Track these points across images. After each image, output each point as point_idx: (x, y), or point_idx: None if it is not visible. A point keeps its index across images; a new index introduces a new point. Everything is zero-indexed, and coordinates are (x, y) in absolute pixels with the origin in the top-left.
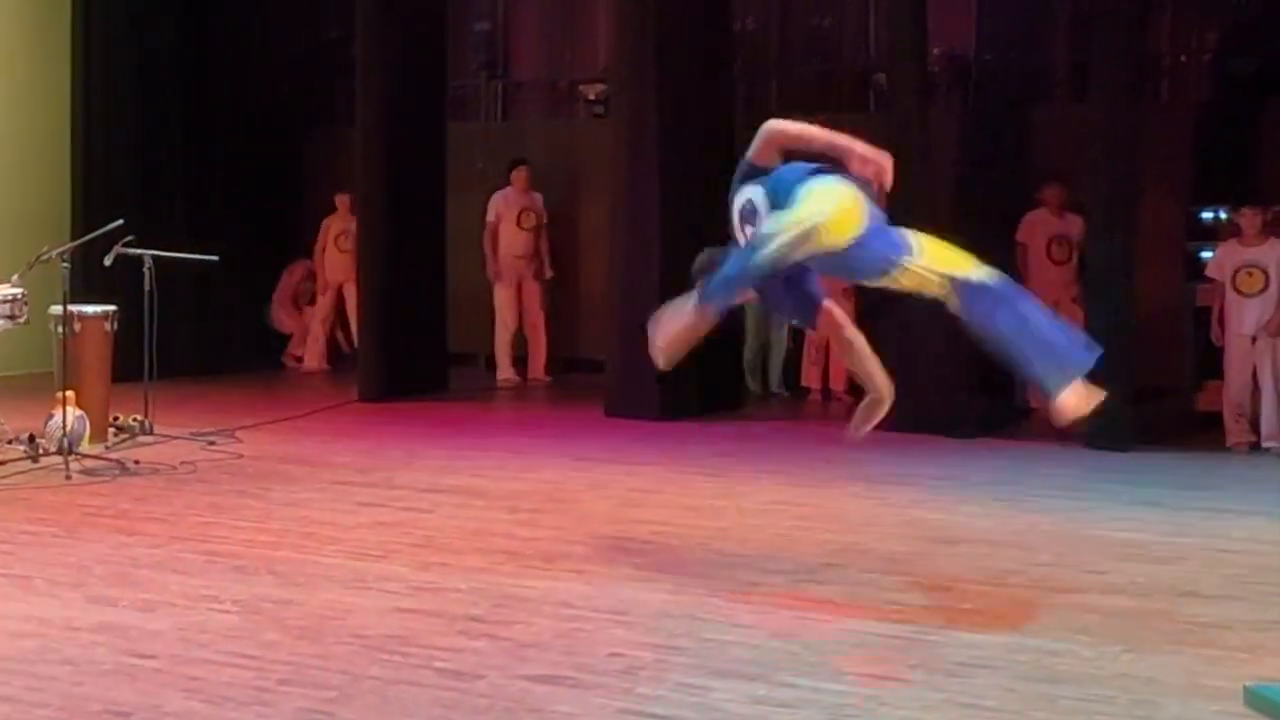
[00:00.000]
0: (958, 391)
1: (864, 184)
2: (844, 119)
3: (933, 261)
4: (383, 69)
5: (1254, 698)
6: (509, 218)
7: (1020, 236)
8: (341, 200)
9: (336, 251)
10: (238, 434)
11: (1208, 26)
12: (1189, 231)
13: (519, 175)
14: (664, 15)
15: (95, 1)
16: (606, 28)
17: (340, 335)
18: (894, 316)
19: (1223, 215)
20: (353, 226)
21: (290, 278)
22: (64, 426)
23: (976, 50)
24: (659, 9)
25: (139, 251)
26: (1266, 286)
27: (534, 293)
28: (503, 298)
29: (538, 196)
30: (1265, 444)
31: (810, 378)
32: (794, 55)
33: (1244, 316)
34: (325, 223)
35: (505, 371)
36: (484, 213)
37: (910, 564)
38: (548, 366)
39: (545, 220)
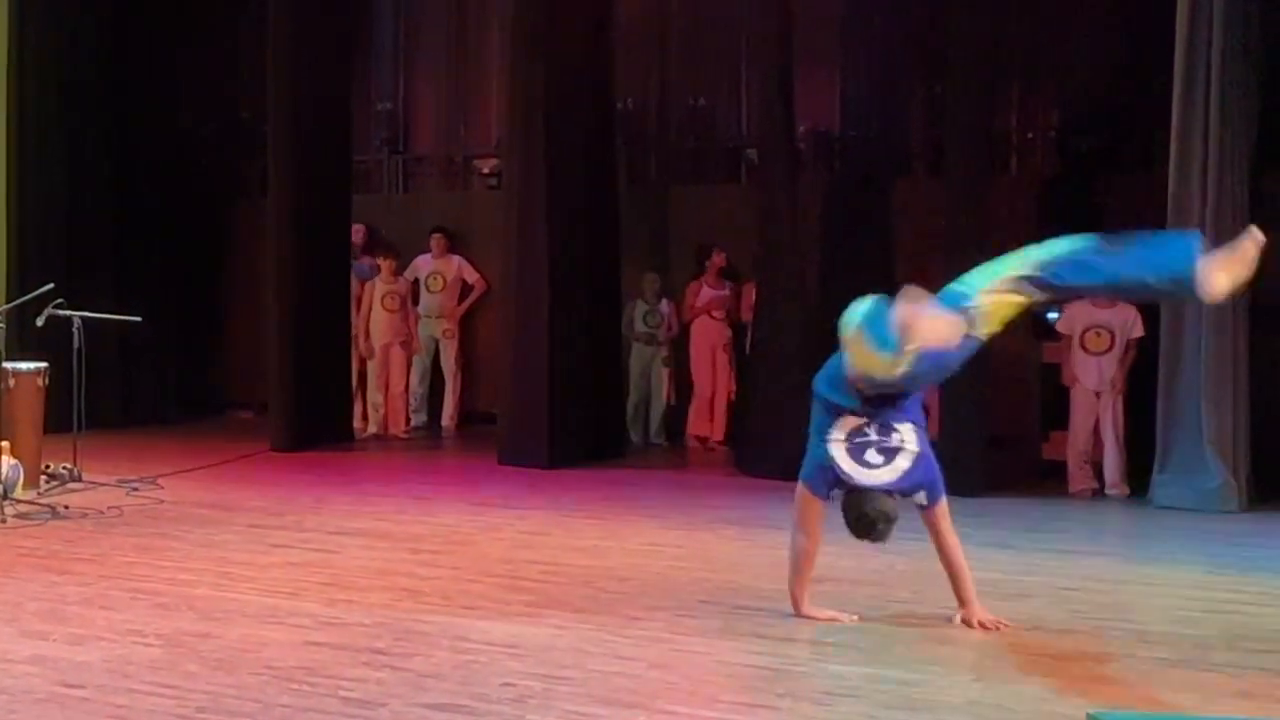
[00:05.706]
0: None
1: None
2: (718, 190)
3: (995, 281)
4: (293, 145)
5: None
6: (422, 280)
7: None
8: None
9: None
10: (160, 481)
11: (1052, 107)
12: None
13: (433, 241)
14: (552, 95)
15: (29, 83)
16: (499, 107)
17: None
18: (765, 365)
19: None
20: None
21: None
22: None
23: (840, 128)
24: (547, 90)
25: (69, 313)
26: (1112, 346)
27: (448, 349)
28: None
29: (455, 261)
30: (1109, 491)
31: (699, 428)
32: (672, 132)
33: (1090, 373)
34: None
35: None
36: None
37: (779, 601)
38: (455, 416)
39: (469, 282)
